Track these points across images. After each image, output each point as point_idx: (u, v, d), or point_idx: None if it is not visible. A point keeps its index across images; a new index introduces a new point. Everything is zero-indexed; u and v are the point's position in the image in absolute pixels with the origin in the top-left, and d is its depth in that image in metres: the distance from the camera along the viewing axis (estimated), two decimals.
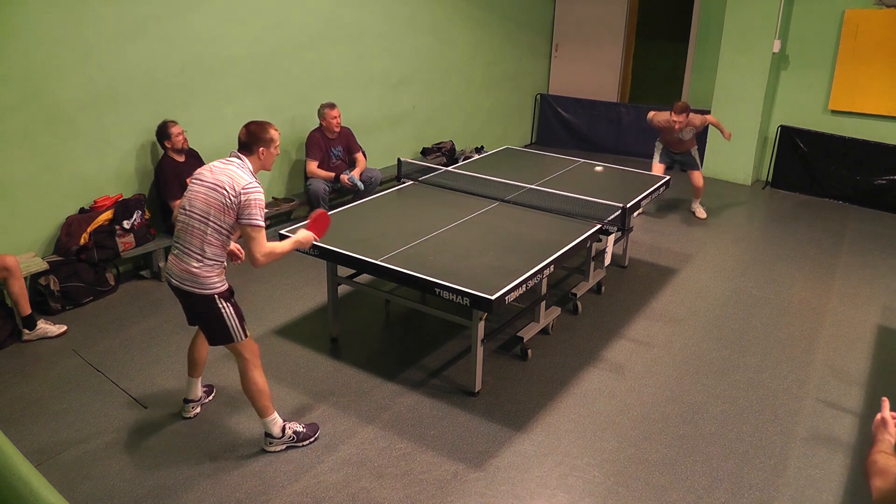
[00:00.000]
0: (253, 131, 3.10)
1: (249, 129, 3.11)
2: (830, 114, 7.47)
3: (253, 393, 3.18)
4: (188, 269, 2.99)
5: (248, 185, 2.96)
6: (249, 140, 3.09)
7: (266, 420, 3.25)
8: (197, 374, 3.53)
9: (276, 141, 3.14)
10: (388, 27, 6.81)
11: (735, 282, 5.32)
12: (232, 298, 3.12)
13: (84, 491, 3.02)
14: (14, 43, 4.24)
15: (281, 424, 3.29)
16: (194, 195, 3.01)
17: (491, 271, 3.55)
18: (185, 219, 3.02)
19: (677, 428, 3.56)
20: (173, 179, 4.98)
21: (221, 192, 2.95)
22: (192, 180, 3.10)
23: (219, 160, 3.12)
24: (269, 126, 3.13)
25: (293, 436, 3.32)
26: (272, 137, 3.12)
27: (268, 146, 3.11)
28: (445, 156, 7.56)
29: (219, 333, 3.11)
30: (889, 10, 6.90)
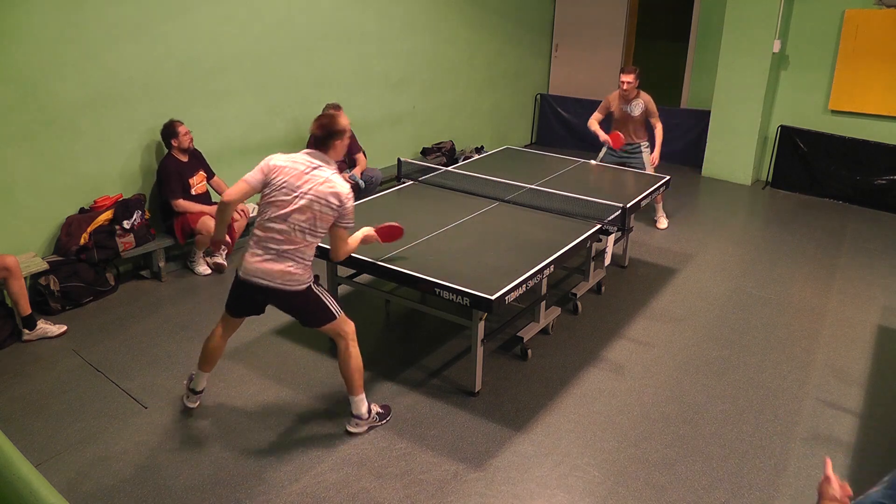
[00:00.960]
0: (326, 125, 3.08)
1: (322, 123, 3.09)
2: (830, 114, 7.47)
3: (351, 370, 3.33)
4: (287, 271, 3.11)
5: (349, 193, 3.07)
6: (324, 134, 3.09)
7: (355, 398, 3.38)
8: (208, 370, 3.53)
9: (348, 131, 3.14)
10: (389, 27, 6.81)
11: (735, 282, 5.32)
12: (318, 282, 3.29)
13: (84, 491, 3.02)
14: (14, 43, 4.24)
15: (367, 405, 3.42)
16: (295, 208, 3.04)
17: (491, 271, 3.55)
18: (283, 228, 3.07)
19: (677, 428, 3.56)
20: (176, 179, 4.99)
21: (330, 205, 3.04)
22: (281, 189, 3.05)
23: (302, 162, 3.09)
24: (339, 116, 3.13)
25: (377, 416, 3.47)
26: (345, 128, 3.12)
27: (342, 138, 3.11)
28: (445, 156, 7.56)
29: (321, 315, 3.24)
30: (889, 10, 6.90)
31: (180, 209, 5.01)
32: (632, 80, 5.99)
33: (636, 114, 6.15)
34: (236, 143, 5.66)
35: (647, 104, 6.11)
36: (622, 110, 6.18)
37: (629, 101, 6.11)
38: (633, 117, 6.16)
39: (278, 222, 3.07)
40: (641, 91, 6.12)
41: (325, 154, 3.11)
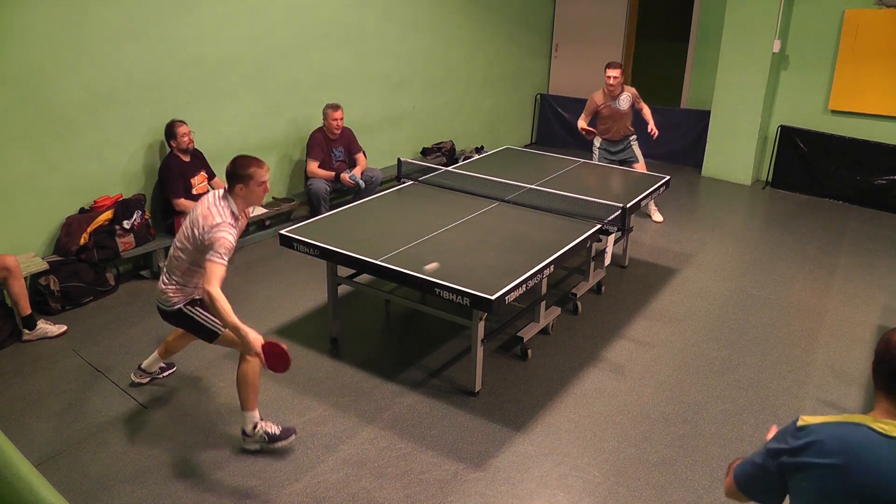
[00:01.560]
0: (230, 168, 3.09)
1: (233, 162, 3.10)
2: (830, 114, 7.47)
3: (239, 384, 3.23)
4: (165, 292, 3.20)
5: (217, 225, 2.99)
6: (227, 176, 3.10)
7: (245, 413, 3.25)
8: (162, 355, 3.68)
9: (256, 178, 3.06)
10: (389, 27, 6.81)
11: (735, 282, 5.32)
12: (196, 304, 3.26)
13: (84, 491, 3.02)
14: (14, 43, 4.24)
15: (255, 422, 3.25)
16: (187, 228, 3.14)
17: (491, 271, 3.55)
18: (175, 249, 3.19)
19: (677, 428, 3.56)
20: (177, 178, 4.99)
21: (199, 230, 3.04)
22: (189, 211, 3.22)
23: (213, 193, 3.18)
24: (253, 162, 3.08)
25: (263, 435, 3.25)
26: (251, 174, 3.05)
27: (246, 183, 3.07)
28: (445, 156, 7.56)
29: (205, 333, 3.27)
30: (889, 10, 6.90)
31: (181, 208, 5.01)
32: (619, 76, 6.04)
33: (625, 108, 6.19)
34: (236, 143, 5.66)
35: (633, 96, 6.19)
36: (610, 107, 6.20)
37: (616, 96, 6.14)
38: (622, 112, 6.21)
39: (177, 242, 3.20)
40: (624, 84, 6.21)
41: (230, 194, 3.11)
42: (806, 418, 1.58)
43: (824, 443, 1.52)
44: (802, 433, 1.56)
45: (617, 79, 6.04)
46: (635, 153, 6.40)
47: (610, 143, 6.41)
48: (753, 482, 1.67)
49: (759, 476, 1.65)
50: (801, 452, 1.54)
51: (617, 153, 6.41)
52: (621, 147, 6.40)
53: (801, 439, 1.55)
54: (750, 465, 1.68)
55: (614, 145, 6.40)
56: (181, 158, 5.03)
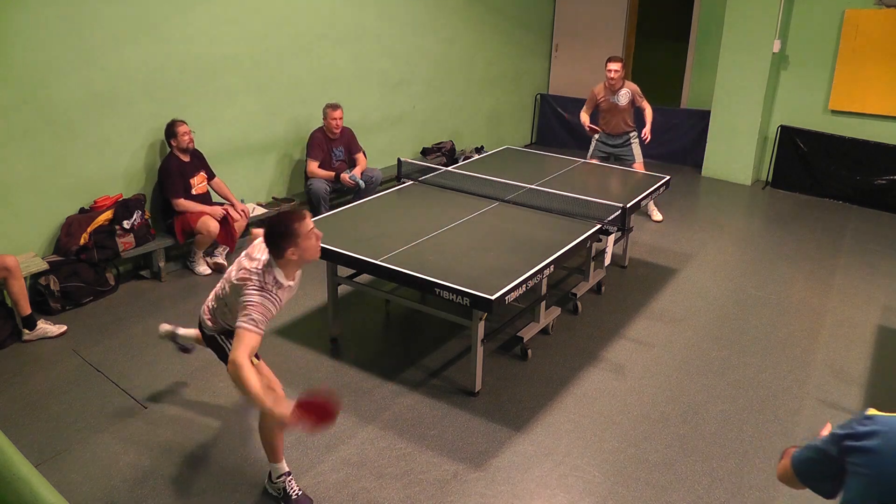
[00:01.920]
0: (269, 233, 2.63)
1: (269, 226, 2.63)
2: (830, 114, 7.47)
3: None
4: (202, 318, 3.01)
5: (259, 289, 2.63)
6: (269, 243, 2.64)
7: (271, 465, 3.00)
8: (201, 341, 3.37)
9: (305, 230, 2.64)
10: (389, 27, 6.81)
11: (735, 282, 5.32)
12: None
13: (84, 491, 3.02)
14: (14, 43, 4.24)
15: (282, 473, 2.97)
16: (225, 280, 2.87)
17: (491, 271, 3.55)
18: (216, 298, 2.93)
19: (677, 428, 3.56)
20: (177, 178, 4.99)
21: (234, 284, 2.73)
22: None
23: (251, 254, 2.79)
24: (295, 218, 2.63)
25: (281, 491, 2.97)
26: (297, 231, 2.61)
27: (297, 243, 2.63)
28: (445, 156, 7.56)
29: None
30: (889, 10, 6.90)
31: (181, 208, 5.01)
32: (619, 69, 6.04)
33: (623, 103, 6.19)
34: (236, 143, 5.66)
35: (633, 92, 6.19)
36: (609, 101, 6.22)
37: (616, 91, 6.15)
38: (620, 107, 6.22)
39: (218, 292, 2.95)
40: (626, 80, 6.21)
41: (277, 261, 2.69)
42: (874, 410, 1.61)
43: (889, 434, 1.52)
44: (870, 421, 1.57)
45: (617, 72, 6.04)
46: (633, 153, 6.40)
47: (608, 136, 6.45)
48: (812, 467, 1.66)
49: (819, 460, 1.64)
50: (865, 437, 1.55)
51: (614, 147, 6.44)
52: (619, 142, 6.42)
53: (867, 426, 1.56)
54: (810, 450, 1.67)
55: (612, 139, 6.44)
56: (181, 158, 5.03)
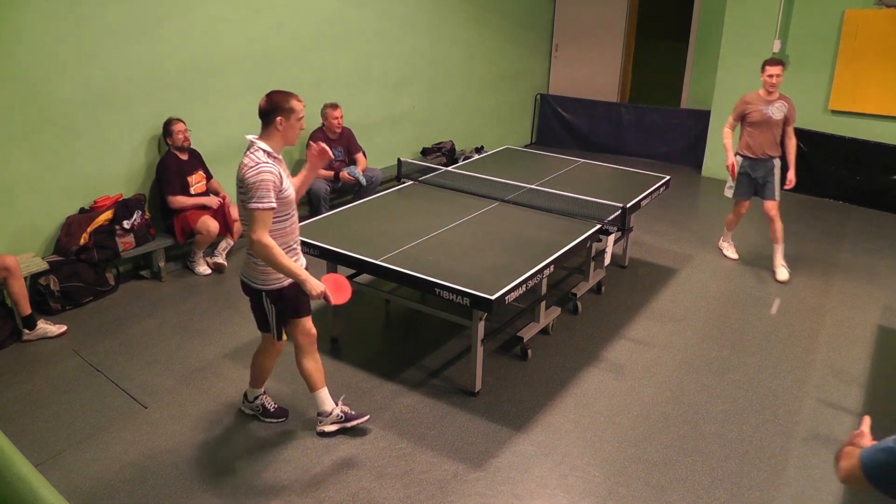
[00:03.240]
0: (273, 99, 2.90)
1: (270, 97, 2.91)
2: (830, 114, 7.46)
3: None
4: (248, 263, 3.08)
5: (250, 169, 2.82)
6: (268, 108, 2.90)
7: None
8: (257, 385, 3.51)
9: (297, 113, 2.93)
10: (389, 27, 6.81)
11: (735, 282, 5.31)
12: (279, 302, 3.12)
13: (84, 491, 3.02)
14: (14, 43, 4.24)
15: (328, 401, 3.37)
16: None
17: (491, 271, 3.55)
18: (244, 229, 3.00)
19: (677, 428, 3.56)
20: (174, 176, 4.99)
21: (239, 190, 2.90)
22: None
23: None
24: (292, 96, 2.94)
25: (341, 415, 3.39)
26: (293, 108, 2.91)
27: (287, 116, 2.90)
28: (445, 156, 7.56)
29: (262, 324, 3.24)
30: (889, 10, 6.90)
31: (176, 205, 5.01)
32: (780, 73, 4.95)
33: (777, 117, 5.07)
34: (236, 143, 5.65)
35: (790, 107, 5.11)
36: (762, 113, 5.09)
37: (771, 101, 5.07)
38: (774, 121, 5.09)
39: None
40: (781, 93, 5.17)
41: (263, 134, 2.95)
42: None
43: None
44: None
45: (779, 77, 4.94)
46: (774, 182, 5.24)
47: (751, 164, 5.26)
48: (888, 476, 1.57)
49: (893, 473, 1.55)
50: None
51: (758, 177, 5.28)
52: (763, 172, 5.24)
53: None
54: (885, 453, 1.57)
55: (755, 167, 5.25)
56: (178, 157, 5.03)
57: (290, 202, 2.99)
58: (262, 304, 3.13)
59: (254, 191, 2.80)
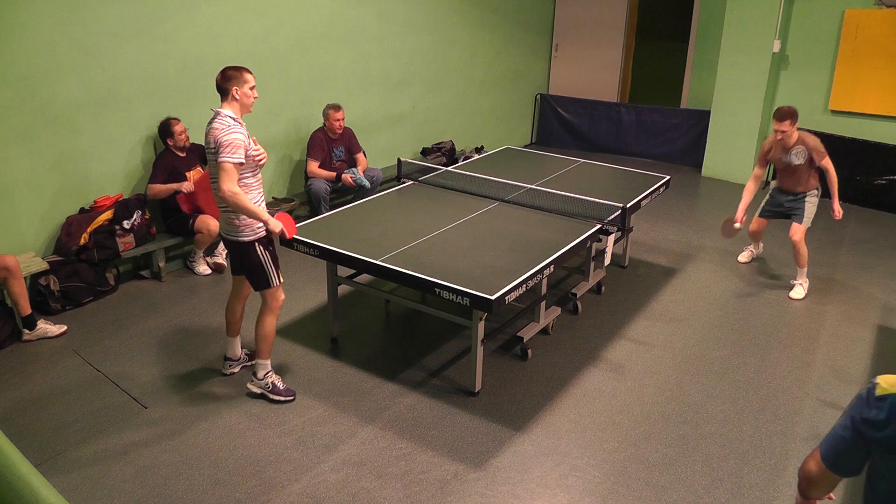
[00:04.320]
0: (227, 74, 3.34)
1: (224, 72, 3.35)
2: (830, 114, 7.47)
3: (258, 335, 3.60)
4: (229, 222, 3.40)
5: (220, 130, 3.22)
6: (223, 83, 3.33)
7: (259, 361, 3.65)
8: (234, 334, 3.85)
9: (249, 82, 3.35)
10: (389, 27, 6.81)
11: (735, 282, 5.31)
12: (270, 246, 3.49)
13: (84, 491, 3.02)
14: (14, 43, 4.24)
15: (267, 372, 3.67)
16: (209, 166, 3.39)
17: (491, 271, 3.55)
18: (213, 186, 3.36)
19: (677, 428, 3.56)
20: (163, 169, 4.98)
21: (212, 153, 3.27)
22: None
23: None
24: (243, 69, 3.37)
25: (269, 385, 3.66)
26: (245, 78, 3.34)
27: (240, 85, 3.32)
28: (445, 156, 7.56)
29: (258, 280, 3.51)
30: (889, 10, 6.90)
31: (150, 193, 4.98)
32: (786, 129, 4.90)
33: (797, 162, 5.05)
34: None
35: (810, 148, 5.02)
36: (781, 160, 5.11)
37: (788, 150, 5.06)
38: (794, 166, 5.07)
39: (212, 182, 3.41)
40: (804, 134, 5.08)
41: (225, 104, 3.35)
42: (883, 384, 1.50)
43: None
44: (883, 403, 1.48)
45: (784, 133, 4.91)
46: (804, 210, 5.15)
47: (780, 192, 5.30)
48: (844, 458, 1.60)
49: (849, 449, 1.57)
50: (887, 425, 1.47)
51: (783, 204, 5.27)
52: (793, 198, 5.21)
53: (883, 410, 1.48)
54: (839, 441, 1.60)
55: (785, 195, 5.25)
56: (176, 153, 5.02)
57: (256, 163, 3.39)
58: (256, 255, 3.44)
59: (225, 147, 3.20)
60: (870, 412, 1.51)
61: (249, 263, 3.47)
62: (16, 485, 1.57)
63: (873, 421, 1.50)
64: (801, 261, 5.12)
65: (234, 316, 3.80)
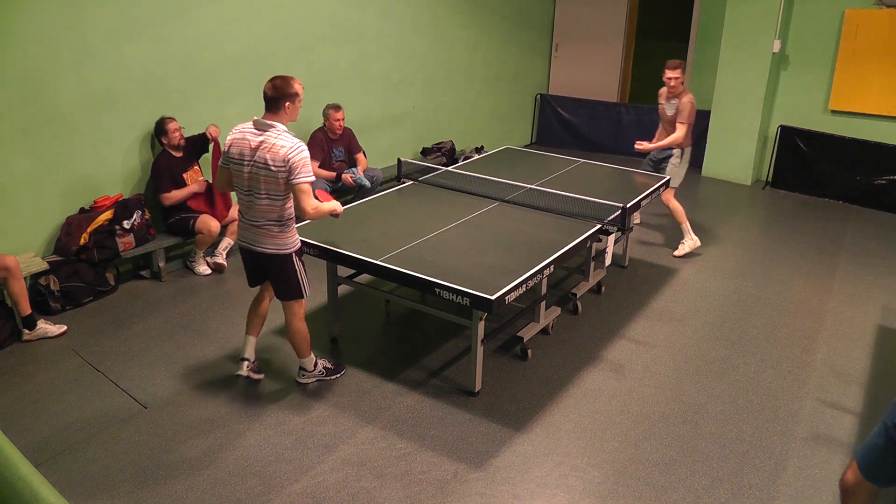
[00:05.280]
0: (278, 86, 3.23)
1: (275, 84, 3.23)
2: (830, 114, 7.47)
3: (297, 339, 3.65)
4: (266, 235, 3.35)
5: (293, 148, 3.16)
6: (276, 95, 3.22)
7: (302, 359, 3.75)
8: (255, 332, 3.82)
9: (300, 95, 3.29)
10: (389, 27, 6.81)
11: (735, 282, 5.32)
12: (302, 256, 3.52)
13: (84, 491, 3.02)
14: (14, 43, 4.24)
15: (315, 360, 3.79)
16: (248, 176, 3.27)
17: (491, 271, 3.55)
18: (248, 198, 3.32)
19: (677, 428, 3.56)
20: (166, 175, 4.98)
21: (271, 166, 3.18)
22: (233, 159, 3.30)
23: (249, 131, 3.27)
24: (294, 80, 3.28)
25: (323, 370, 3.80)
26: (297, 92, 3.26)
27: (293, 101, 3.26)
28: (445, 156, 7.56)
29: (291, 290, 3.49)
30: (889, 10, 6.90)
31: (169, 202, 4.99)
32: (678, 76, 5.45)
33: (669, 114, 5.58)
34: None
35: (680, 106, 5.46)
36: (661, 106, 5.69)
37: (669, 98, 5.59)
38: (666, 117, 5.63)
39: (243, 193, 3.34)
40: (690, 95, 5.49)
41: (275, 116, 3.25)
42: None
43: None
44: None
45: (676, 79, 5.44)
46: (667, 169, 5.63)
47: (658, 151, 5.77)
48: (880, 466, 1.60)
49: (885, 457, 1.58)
50: None
51: (657, 162, 5.76)
52: (661, 157, 5.72)
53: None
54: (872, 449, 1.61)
55: (658, 152, 5.75)
56: (172, 155, 5.02)
57: None
58: (292, 266, 3.44)
59: (301, 167, 3.17)
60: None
61: (286, 275, 3.44)
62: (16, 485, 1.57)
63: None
64: (677, 218, 5.66)
65: (260, 311, 3.76)
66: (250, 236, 3.40)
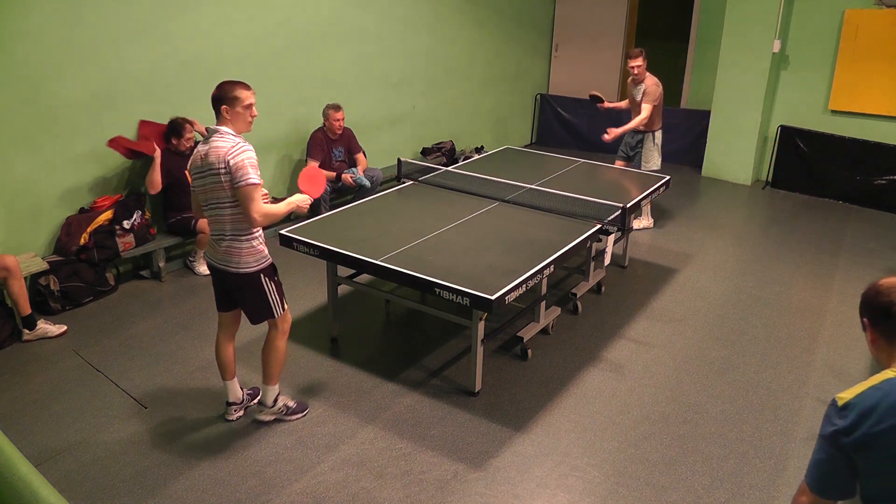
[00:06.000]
0: (217, 90, 3.00)
1: (217, 87, 3.01)
2: (830, 114, 7.47)
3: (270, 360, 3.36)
4: (228, 252, 3.09)
5: (231, 149, 2.93)
6: (213, 98, 3.01)
7: (267, 387, 3.42)
8: (231, 376, 3.44)
9: (243, 101, 2.99)
10: (389, 27, 6.81)
11: (735, 282, 5.31)
12: (275, 276, 3.24)
13: (84, 491, 3.02)
14: (14, 43, 4.24)
15: (276, 395, 3.46)
16: (202, 189, 3.05)
17: (491, 271, 3.55)
18: (208, 210, 3.09)
19: (677, 428, 3.56)
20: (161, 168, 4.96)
21: (214, 170, 2.96)
22: (194, 175, 3.11)
23: (201, 143, 3.12)
24: (237, 85, 3.00)
25: (284, 408, 3.49)
26: (236, 96, 2.98)
27: (231, 104, 2.98)
28: (445, 156, 7.56)
29: (259, 311, 3.24)
30: (889, 10, 6.90)
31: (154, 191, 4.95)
32: (640, 63, 5.86)
33: (638, 98, 5.99)
34: None
35: (647, 89, 5.92)
36: (631, 93, 6.09)
37: (636, 84, 6.02)
38: (635, 101, 6.04)
39: (206, 207, 3.11)
40: (653, 78, 5.98)
41: (219, 121, 3.02)
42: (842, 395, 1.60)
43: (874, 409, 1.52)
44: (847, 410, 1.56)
45: (639, 66, 5.88)
46: (641, 158, 6.16)
47: (630, 134, 6.21)
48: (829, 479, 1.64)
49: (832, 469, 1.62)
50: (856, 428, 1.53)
51: (631, 148, 6.27)
52: (633, 142, 6.23)
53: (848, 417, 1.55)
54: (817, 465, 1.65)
55: (631, 136, 6.23)
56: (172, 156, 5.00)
57: None
58: (260, 287, 3.16)
59: (241, 169, 2.92)
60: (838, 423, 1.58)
61: (252, 296, 3.18)
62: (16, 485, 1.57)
63: (843, 429, 1.57)
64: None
65: (228, 357, 3.38)
66: (212, 252, 3.16)
